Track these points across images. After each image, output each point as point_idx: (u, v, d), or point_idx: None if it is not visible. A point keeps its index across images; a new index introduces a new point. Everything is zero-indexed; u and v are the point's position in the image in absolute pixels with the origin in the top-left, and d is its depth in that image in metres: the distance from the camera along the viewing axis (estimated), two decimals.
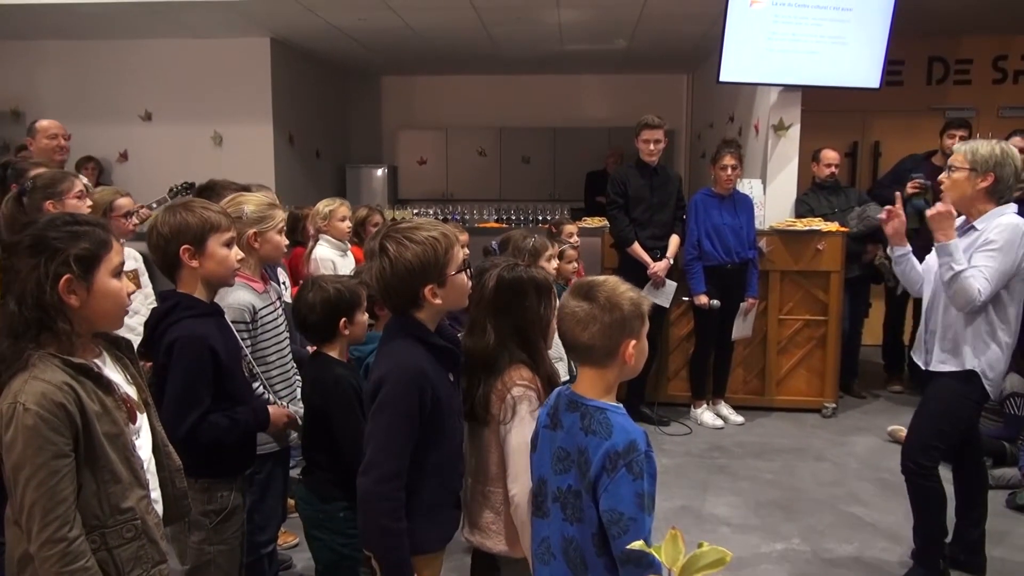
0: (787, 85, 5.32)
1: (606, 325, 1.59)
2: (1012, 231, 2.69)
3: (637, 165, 4.78)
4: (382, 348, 1.85)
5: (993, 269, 2.67)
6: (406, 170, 8.96)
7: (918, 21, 5.58)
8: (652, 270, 4.71)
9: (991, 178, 2.76)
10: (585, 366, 1.67)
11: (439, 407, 1.76)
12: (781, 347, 5.16)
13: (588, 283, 1.66)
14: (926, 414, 2.91)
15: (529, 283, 2.00)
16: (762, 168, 5.55)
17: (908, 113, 6.45)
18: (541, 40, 6.87)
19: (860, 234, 5.13)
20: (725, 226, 4.76)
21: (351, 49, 7.31)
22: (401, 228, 1.83)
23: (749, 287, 4.87)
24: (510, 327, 1.97)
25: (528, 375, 1.92)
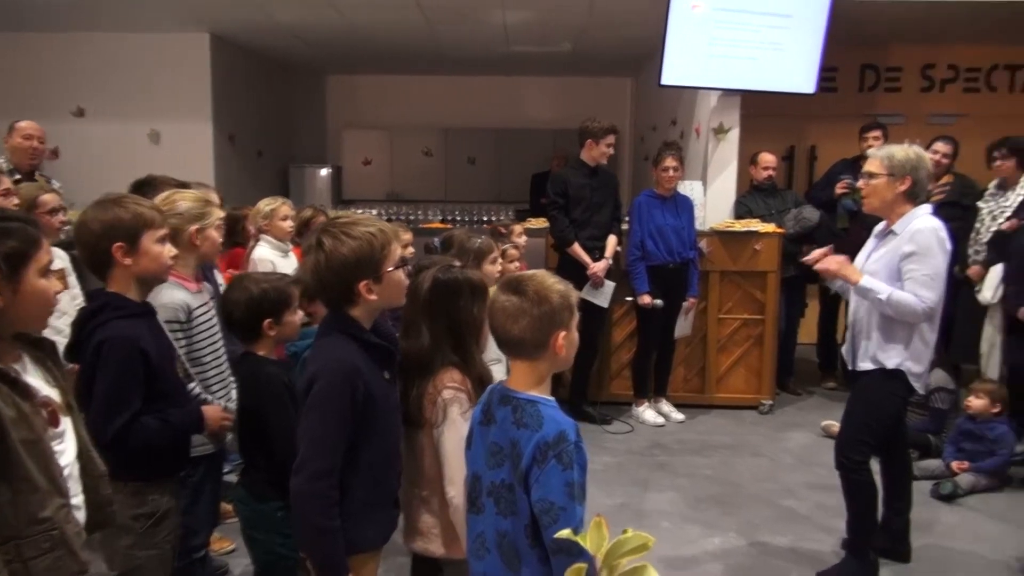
0: (727, 89, 5.44)
1: (535, 318, 1.61)
2: (927, 235, 2.80)
3: (579, 166, 4.84)
4: (316, 344, 1.84)
5: (928, 274, 2.78)
6: (351, 170, 8.89)
7: (851, 30, 5.78)
8: (592, 270, 4.77)
9: (909, 181, 2.88)
10: (517, 359, 1.69)
11: (372, 404, 1.76)
12: (720, 346, 5.28)
13: (517, 278, 1.69)
14: (855, 411, 3.01)
15: (464, 284, 2.02)
16: (703, 170, 5.67)
17: (842, 118, 6.66)
18: (487, 41, 6.89)
19: (796, 235, 5.28)
20: (667, 227, 4.85)
21: (295, 47, 7.22)
22: (338, 223, 1.83)
23: (690, 287, 4.97)
24: (444, 328, 1.98)
25: (458, 377, 1.94)
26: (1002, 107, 6.73)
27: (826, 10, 5.21)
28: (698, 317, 5.16)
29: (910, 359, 2.88)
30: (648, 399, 5.13)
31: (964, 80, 6.88)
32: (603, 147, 4.74)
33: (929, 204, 2.97)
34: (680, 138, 6.22)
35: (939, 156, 4.93)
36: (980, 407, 4.09)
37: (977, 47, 6.73)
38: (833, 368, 5.86)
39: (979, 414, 4.10)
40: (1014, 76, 6.85)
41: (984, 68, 6.85)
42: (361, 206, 7.64)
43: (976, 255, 4.63)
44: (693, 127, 5.94)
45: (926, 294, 2.77)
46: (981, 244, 4.60)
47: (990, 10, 5.47)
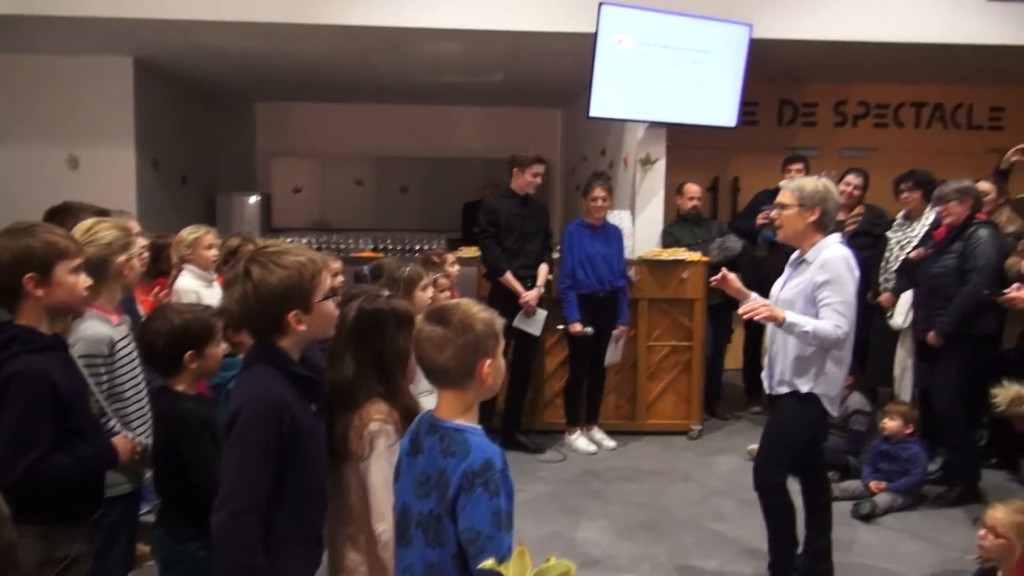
0: (652, 122, 5.61)
1: (460, 347, 1.62)
2: (837, 263, 2.95)
3: (509, 195, 4.89)
4: (241, 376, 1.81)
5: (840, 302, 2.91)
6: (280, 198, 8.75)
7: (770, 67, 6.05)
8: (524, 299, 4.81)
9: (818, 211, 3.02)
10: (444, 389, 1.69)
11: (299, 438, 1.73)
12: (650, 372, 5.37)
13: (441, 308, 1.69)
14: (772, 435, 3.12)
15: (389, 314, 2.01)
16: (631, 200, 5.80)
17: (762, 151, 6.93)
18: (419, 71, 6.92)
19: (721, 263, 5.41)
20: (597, 255, 4.93)
21: (223, 73, 7.10)
22: (267, 252, 1.80)
23: (620, 315, 5.05)
24: (369, 359, 1.97)
25: (384, 408, 1.92)
26: (909, 142, 7.12)
27: (744, 47, 5.45)
28: (628, 344, 5.24)
29: (823, 383, 3.00)
30: (580, 427, 5.16)
31: (874, 116, 7.26)
32: (528, 176, 4.80)
33: (839, 234, 3.11)
34: (609, 168, 6.36)
35: (851, 188, 5.17)
36: (894, 429, 4.25)
37: (885, 85, 7.13)
38: (758, 393, 6.02)
39: (893, 435, 4.26)
40: (919, 113, 7.28)
41: (892, 105, 7.25)
42: (291, 234, 7.51)
43: (886, 283, 4.85)
44: (621, 158, 6.09)
45: (842, 321, 2.90)
46: (891, 272, 4.82)
47: (896, 52, 5.81)
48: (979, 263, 4.07)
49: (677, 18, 5.28)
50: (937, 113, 7.28)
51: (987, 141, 7.00)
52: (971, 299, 4.05)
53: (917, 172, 4.84)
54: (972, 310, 4.07)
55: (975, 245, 4.10)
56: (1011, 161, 4.87)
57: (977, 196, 4.23)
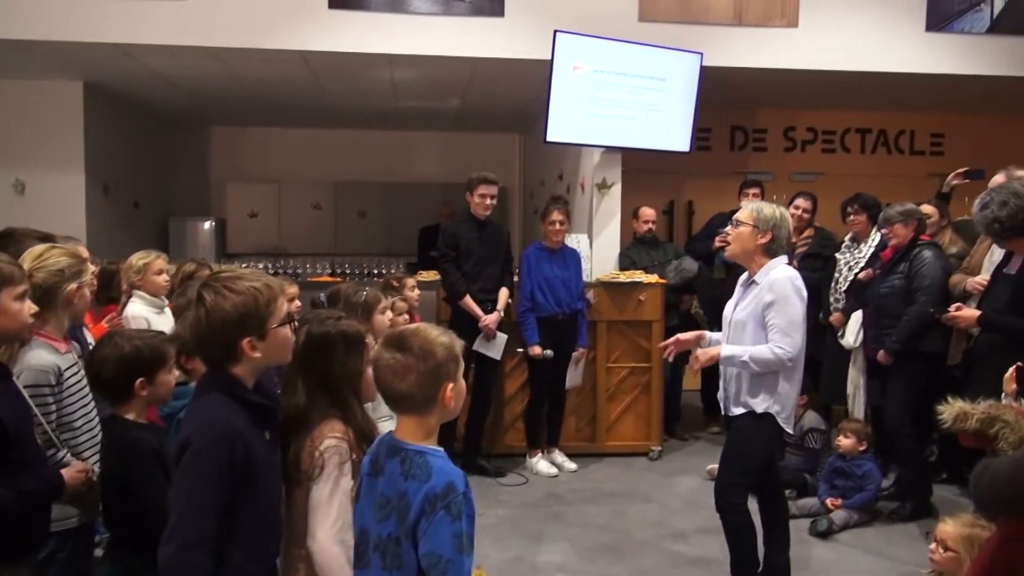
0: (608, 147, 5.69)
1: (422, 373, 1.62)
2: (784, 284, 3.02)
3: (468, 219, 4.91)
4: (192, 404, 1.77)
5: (784, 323, 2.97)
6: (236, 223, 8.64)
7: (722, 94, 6.20)
8: (483, 323, 4.81)
9: (769, 236, 3.10)
10: (405, 414, 1.68)
11: (252, 467, 1.69)
12: (610, 394, 5.40)
13: (399, 334, 1.68)
14: (729, 454, 3.16)
15: (338, 337, 1.99)
16: (588, 224, 5.86)
17: (716, 175, 7.09)
18: (375, 96, 6.93)
19: (677, 286, 5.51)
20: (556, 278, 4.95)
21: (175, 98, 7.02)
22: (221, 277, 1.77)
23: (579, 337, 5.07)
24: (319, 383, 1.95)
25: (340, 428, 1.90)
26: (855, 167, 7.36)
27: (696, 75, 5.58)
28: (587, 367, 5.27)
29: (777, 402, 3.05)
30: (541, 450, 5.15)
31: (822, 142, 7.48)
32: (476, 197, 4.82)
33: (785, 256, 3.18)
34: (567, 193, 6.42)
35: (800, 211, 5.30)
36: (848, 446, 4.33)
37: (832, 112, 7.36)
38: (717, 413, 6.05)
39: (848, 452, 4.34)
40: (864, 139, 7.52)
41: (839, 131, 7.49)
42: (246, 260, 7.41)
43: (836, 303, 4.96)
44: (578, 182, 6.15)
45: (787, 341, 2.96)
46: (840, 293, 4.93)
47: (841, 80, 6.01)
48: (924, 283, 4.19)
49: (631, 46, 5.39)
50: (881, 139, 7.53)
51: (929, 166, 7.27)
52: (918, 318, 4.16)
53: (863, 195, 4.98)
54: (919, 329, 4.18)
55: (920, 266, 4.22)
56: (952, 185, 5.06)
57: (921, 218, 4.37)
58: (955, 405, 1.98)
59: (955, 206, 5.09)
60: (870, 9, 5.70)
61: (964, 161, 5.47)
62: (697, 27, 5.59)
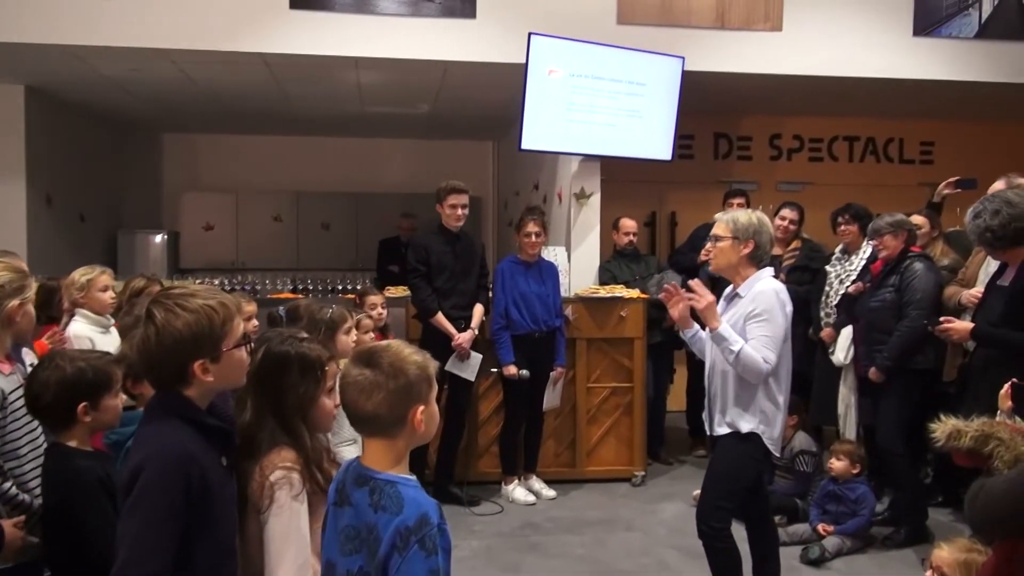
0: (586, 155, 5.73)
1: (392, 392, 1.61)
2: (769, 297, 3.05)
3: (440, 231, 4.91)
4: (141, 430, 1.74)
5: (768, 336, 3.01)
6: (190, 236, 8.56)
7: (703, 99, 6.28)
8: (457, 341, 4.80)
9: (751, 245, 3.14)
10: (373, 437, 1.67)
11: (209, 496, 1.67)
12: (590, 416, 5.40)
13: (370, 349, 1.68)
14: (713, 477, 3.18)
15: (294, 359, 1.98)
16: (566, 236, 5.89)
17: (699, 185, 7.16)
18: (341, 101, 6.93)
19: (660, 301, 5.52)
20: (532, 294, 4.96)
21: (125, 102, 6.96)
22: (172, 294, 1.75)
23: (557, 356, 5.08)
24: (270, 405, 1.94)
25: (291, 456, 1.89)
26: (843, 176, 7.47)
27: (677, 80, 5.65)
28: (566, 387, 5.27)
29: (764, 422, 3.07)
30: (518, 476, 5.14)
31: (809, 150, 7.60)
32: (446, 208, 4.82)
33: (771, 268, 3.22)
34: (543, 203, 6.46)
35: (786, 222, 5.37)
36: (841, 469, 4.37)
37: (819, 119, 7.48)
38: (703, 435, 6.09)
39: (841, 476, 4.37)
40: (853, 147, 7.65)
41: (826, 139, 7.61)
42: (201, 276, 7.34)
43: (827, 317, 5.02)
44: (555, 192, 6.19)
45: (768, 354, 2.99)
46: (831, 307, 4.99)
47: (827, 85, 6.12)
48: (916, 296, 4.27)
49: (609, 50, 5.45)
50: (870, 147, 7.67)
51: (919, 175, 7.42)
52: (910, 333, 4.23)
53: (854, 206, 5.06)
54: (911, 344, 4.25)
55: (911, 278, 4.30)
56: (943, 194, 5.16)
57: (911, 229, 4.45)
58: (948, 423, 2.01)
59: (946, 216, 5.20)
60: (856, 13, 5.83)
61: (955, 170, 5.60)
62: (678, 30, 5.67)
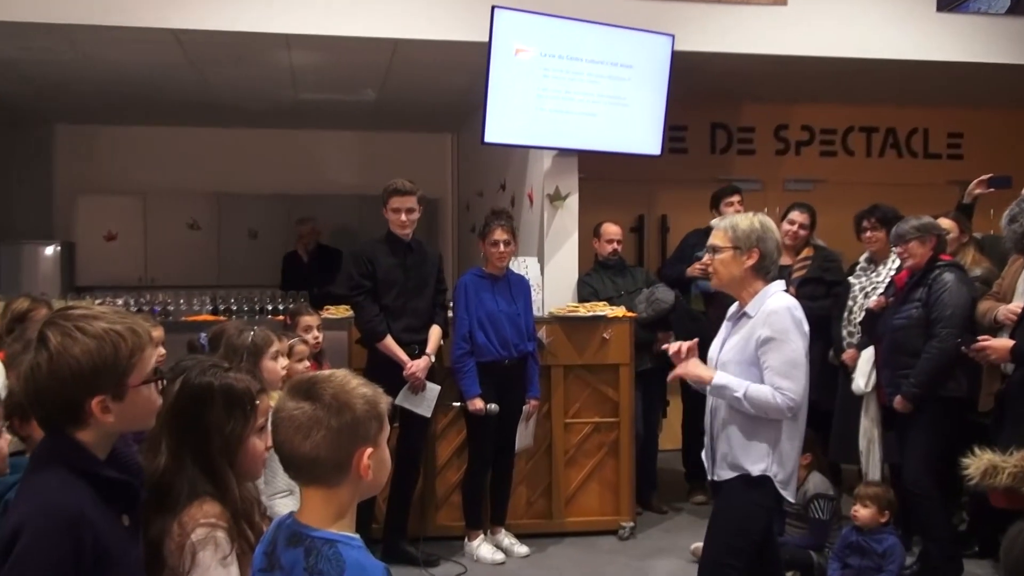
0: (562, 149, 5.75)
1: (334, 431, 1.60)
2: (782, 316, 3.07)
3: (387, 240, 4.88)
4: (25, 481, 1.70)
5: (783, 364, 3.01)
6: (88, 248, 8.44)
7: (698, 85, 6.35)
8: (409, 370, 4.76)
9: (756, 255, 3.16)
10: (310, 486, 1.66)
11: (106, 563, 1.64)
12: (569, 458, 5.39)
13: (310, 380, 1.67)
14: (716, 529, 3.18)
15: (219, 392, 1.99)
16: (539, 244, 5.90)
17: (695, 184, 7.19)
18: (271, 87, 6.90)
19: (650, 320, 5.55)
20: (500, 313, 4.95)
21: (11, 88, 6.89)
22: (72, 315, 1.73)
23: (530, 386, 5.06)
24: (189, 447, 1.93)
25: (215, 511, 1.87)
26: (861, 173, 7.59)
27: (666, 61, 5.69)
28: (540, 423, 5.26)
29: (776, 463, 3.07)
30: (484, 530, 5.11)
31: (820, 143, 7.71)
32: (390, 213, 4.81)
33: (782, 281, 3.24)
34: (511, 206, 6.46)
35: (796, 227, 5.43)
36: (867, 518, 4.37)
37: (831, 107, 7.60)
38: (703, 478, 6.10)
39: (866, 525, 4.37)
40: (871, 139, 7.78)
41: (840, 130, 7.73)
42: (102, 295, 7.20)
43: (850, 337, 5.08)
44: (525, 193, 6.20)
45: (787, 385, 3.00)
46: (854, 325, 5.05)
47: (839, 68, 6.21)
48: (946, 312, 4.32)
49: (587, 26, 5.48)
50: (890, 139, 7.80)
51: (947, 171, 7.56)
52: (940, 354, 4.28)
53: (881, 207, 5.12)
54: (942, 367, 4.30)
55: (940, 291, 4.35)
56: (974, 194, 5.24)
57: (940, 234, 4.51)
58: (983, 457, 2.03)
59: (978, 219, 5.29)
60: None
61: (987, 166, 5.69)
62: (667, 3, 5.73)
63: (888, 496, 4.44)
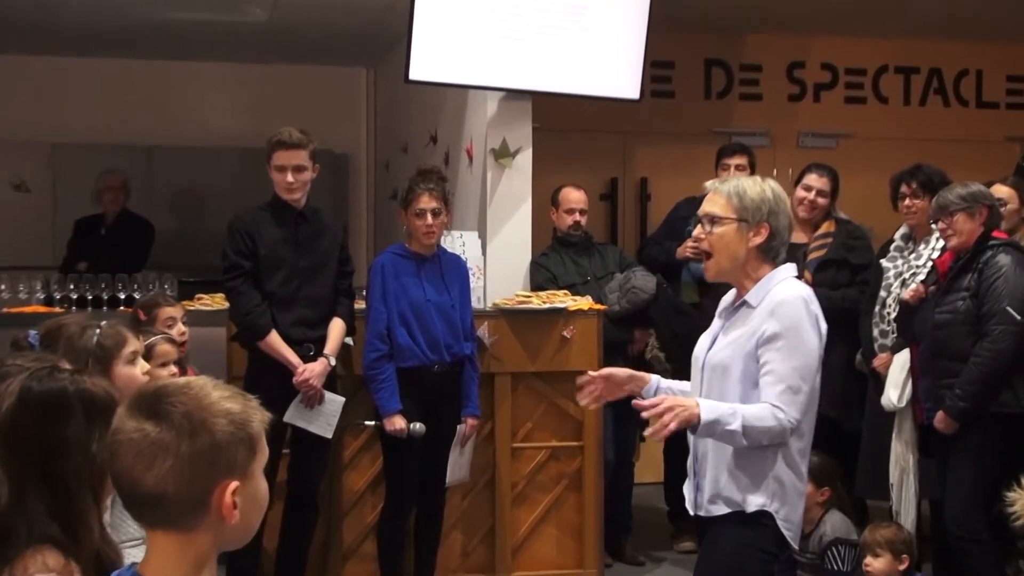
0: (510, 90, 5.72)
1: (185, 459, 1.57)
2: (794, 308, 3.06)
3: (272, 207, 4.85)
4: None
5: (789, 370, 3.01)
6: None
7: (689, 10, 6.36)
8: (301, 377, 4.72)
9: (766, 231, 3.14)
10: (157, 529, 1.63)
11: None
12: (518, 493, 5.40)
13: (156, 392, 1.64)
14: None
15: (75, 400, 1.99)
16: (479, 215, 5.88)
17: (684, 138, 7.25)
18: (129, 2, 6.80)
19: (625, 314, 5.56)
20: (429, 305, 4.93)
21: None
22: None
23: (467, 401, 5.06)
24: (36, 474, 1.93)
25: (56, 560, 1.87)
26: (895, 125, 7.69)
27: None
28: (480, 449, 5.25)
29: (778, 497, 3.09)
30: None
31: (846, 86, 7.78)
32: (273, 172, 4.78)
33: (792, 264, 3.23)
34: (444, 165, 6.43)
35: (812, 194, 5.47)
36: (882, 569, 4.43)
37: (859, 41, 7.67)
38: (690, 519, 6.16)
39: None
40: (909, 82, 7.87)
41: (870, 70, 7.81)
42: None
43: (883, 337, 5.13)
44: (463, 148, 6.18)
45: (788, 398, 3.01)
46: (888, 321, 5.11)
47: None
48: (1001, 304, 4.36)
49: None
50: (934, 82, 7.90)
51: (1005, 124, 7.69)
52: (993, 359, 4.33)
53: (925, 168, 5.16)
54: (995, 375, 4.35)
55: (993, 278, 4.39)
56: None
57: (993, 205, 4.56)
58: None
59: None
60: None
61: None
62: None
63: (903, 538, 4.51)
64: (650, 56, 5.91)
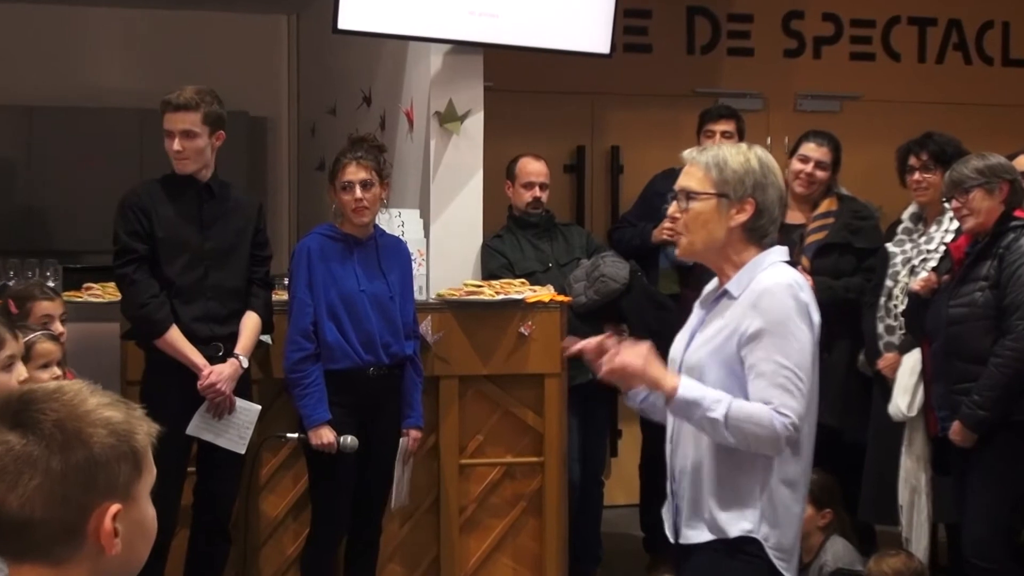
0: (457, 42, 5.73)
1: (56, 477, 1.57)
2: (781, 300, 3.07)
3: (170, 182, 4.84)
4: None
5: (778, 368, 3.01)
6: None
7: None
8: (207, 380, 4.71)
9: (751, 208, 3.15)
10: (23, 561, 1.62)
11: None
12: (468, 517, 5.42)
13: (21, 397, 1.65)
14: None
15: None
16: (422, 190, 5.90)
17: (662, 100, 7.27)
18: None
19: (593, 306, 5.59)
20: (363, 296, 4.95)
21: None
22: None
23: (408, 410, 5.08)
24: None
25: None
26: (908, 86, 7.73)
27: None
28: (424, 466, 5.28)
29: (767, 519, 3.12)
30: None
31: (851, 40, 7.83)
32: (169, 142, 4.77)
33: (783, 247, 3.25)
34: (380, 131, 6.45)
35: (810, 166, 5.53)
36: None
37: None
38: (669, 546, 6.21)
39: None
40: (923, 36, 7.93)
41: (879, 21, 7.86)
42: None
43: (890, 334, 5.20)
44: (402, 110, 6.18)
45: (787, 400, 3.03)
46: (895, 316, 5.18)
47: None
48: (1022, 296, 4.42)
49: None
50: (953, 36, 7.96)
51: None
52: (1016, 359, 4.39)
53: (936, 137, 5.22)
54: (1021, 379, 4.40)
55: (1016, 264, 4.45)
56: None
57: (1015, 180, 4.61)
58: None
59: None
60: None
61: None
62: None
63: (914, 568, 4.55)
64: (623, 4, 5.94)
